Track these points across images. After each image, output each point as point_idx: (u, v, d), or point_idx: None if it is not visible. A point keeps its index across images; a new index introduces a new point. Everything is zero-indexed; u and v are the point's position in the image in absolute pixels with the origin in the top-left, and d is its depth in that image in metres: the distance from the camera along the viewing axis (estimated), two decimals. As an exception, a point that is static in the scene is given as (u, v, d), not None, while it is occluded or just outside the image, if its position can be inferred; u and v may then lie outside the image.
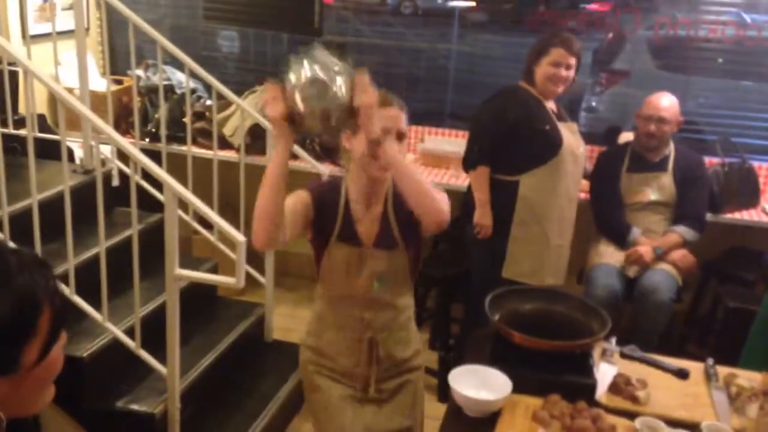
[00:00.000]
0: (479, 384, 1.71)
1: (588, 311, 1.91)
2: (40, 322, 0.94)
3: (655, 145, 3.24)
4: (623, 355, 1.93)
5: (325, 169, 3.19)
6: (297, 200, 1.83)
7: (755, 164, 3.57)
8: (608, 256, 3.22)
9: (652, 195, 3.24)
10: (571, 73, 2.98)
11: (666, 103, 3.23)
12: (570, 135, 3.03)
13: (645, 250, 3.15)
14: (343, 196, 1.89)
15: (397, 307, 1.93)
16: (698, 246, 3.28)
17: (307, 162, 3.38)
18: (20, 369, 0.93)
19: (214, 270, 3.28)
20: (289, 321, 3.86)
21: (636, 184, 3.27)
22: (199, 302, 3.09)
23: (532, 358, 1.78)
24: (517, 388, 1.70)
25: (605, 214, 3.32)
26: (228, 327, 3.15)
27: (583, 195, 3.40)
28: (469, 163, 3.06)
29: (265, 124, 3.28)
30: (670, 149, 3.28)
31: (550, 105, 3.04)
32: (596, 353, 1.89)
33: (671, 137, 3.28)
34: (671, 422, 1.64)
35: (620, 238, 3.24)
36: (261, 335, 3.38)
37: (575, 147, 3.03)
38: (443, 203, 1.77)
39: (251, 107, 3.47)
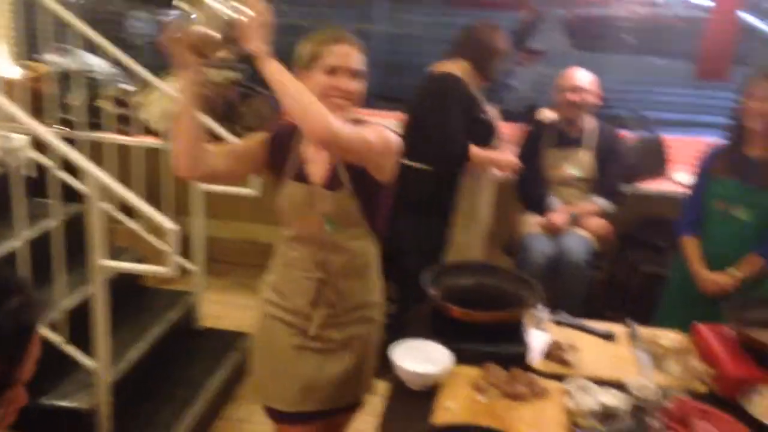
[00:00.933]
0: (421, 358, 1.75)
1: (520, 283, 1.99)
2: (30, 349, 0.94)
3: (576, 115, 3.36)
4: (555, 322, 2.02)
5: None
6: (254, 138, 1.89)
7: (666, 136, 3.77)
8: (535, 224, 3.34)
9: (573, 170, 3.37)
10: None
11: (582, 74, 3.36)
12: (496, 119, 3.13)
13: (558, 217, 3.29)
14: (296, 136, 1.89)
15: (351, 251, 1.88)
16: (614, 216, 3.44)
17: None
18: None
19: (139, 260, 3.20)
20: (219, 308, 3.82)
21: (558, 160, 3.39)
22: (126, 293, 3.02)
23: (470, 331, 1.84)
24: (457, 360, 1.76)
25: (528, 189, 3.44)
26: (157, 316, 3.09)
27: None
28: (461, 158, 3.05)
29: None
30: (590, 125, 3.41)
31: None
32: (529, 322, 1.97)
33: (590, 113, 3.41)
34: (600, 382, 1.73)
35: (540, 209, 3.37)
36: (191, 323, 3.34)
37: (500, 131, 3.13)
38: (325, 113, 1.69)
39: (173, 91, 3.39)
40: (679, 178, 3.69)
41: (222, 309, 3.84)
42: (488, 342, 1.83)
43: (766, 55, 4.27)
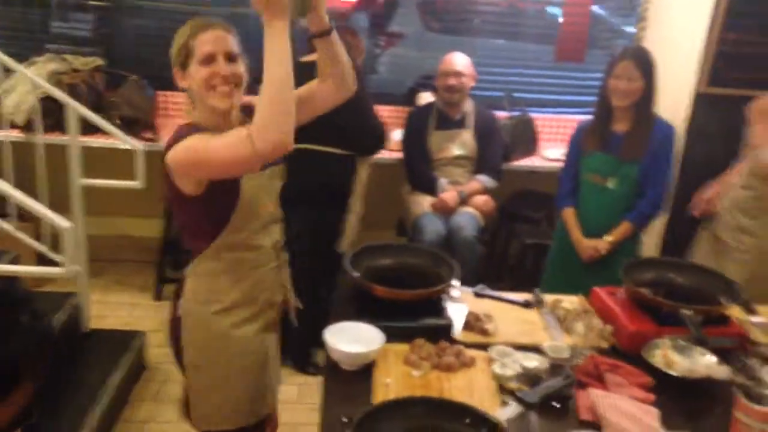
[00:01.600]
0: (352, 339, 1.79)
1: (437, 260, 2.09)
2: (14, 393, 0.87)
3: (457, 99, 3.52)
4: (476, 294, 2.14)
5: None
6: None
7: (533, 115, 4.03)
8: (427, 205, 3.47)
9: (456, 150, 3.53)
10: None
11: (460, 59, 3.52)
12: None
13: (449, 195, 3.44)
14: None
15: (282, 220, 1.93)
16: (495, 192, 3.64)
17: (115, 137, 3.18)
18: None
19: (15, 262, 2.98)
20: (102, 308, 3.65)
21: (442, 141, 3.54)
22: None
23: (395, 309, 1.92)
24: (386, 338, 1.82)
25: (416, 170, 3.56)
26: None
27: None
28: (383, 139, 3.15)
29: (60, 96, 3.04)
30: (469, 107, 3.58)
31: None
32: (448, 296, 2.07)
33: (468, 95, 3.58)
34: (518, 347, 1.87)
35: (431, 190, 3.50)
36: (78, 326, 3.16)
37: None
38: (291, 124, 1.60)
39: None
40: (548, 154, 3.97)
41: (105, 308, 3.68)
42: (414, 318, 1.91)
43: (611, 40, 4.65)
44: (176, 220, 1.87)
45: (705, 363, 1.80)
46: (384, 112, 4.14)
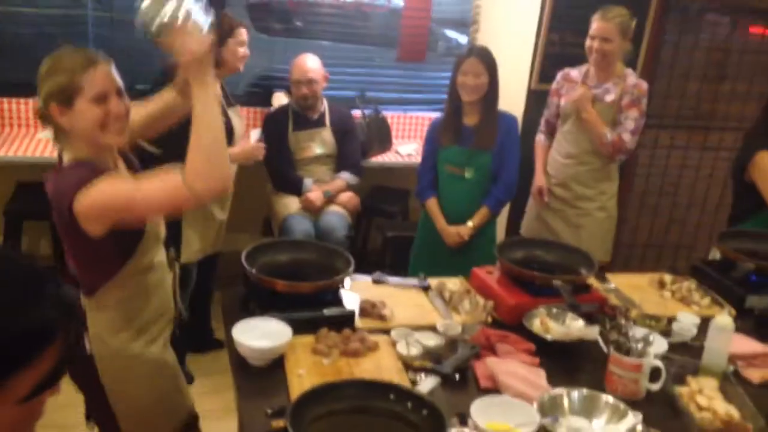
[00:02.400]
0: (258, 335, 1.82)
1: (331, 254, 2.16)
2: (44, 356, 0.85)
3: (312, 104, 3.60)
4: (374, 281, 2.24)
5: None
6: None
7: (386, 114, 4.20)
8: (294, 206, 3.51)
9: (317, 149, 3.61)
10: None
11: (310, 63, 3.59)
12: (237, 119, 3.16)
13: (315, 195, 3.51)
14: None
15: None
16: (355, 188, 3.77)
17: None
18: (3, 391, 0.82)
19: None
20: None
21: (302, 141, 3.60)
22: None
23: (296, 302, 1.97)
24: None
25: (279, 172, 3.59)
26: None
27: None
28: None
29: None
30: (325, 106, 3.68)
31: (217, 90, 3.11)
32: (344, 287, 2.15)
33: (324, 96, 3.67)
34: (414, 328, 2.00)
35: (296, 190, 3.55)
36: None
37: (240, 130, 3.18)
38: (227, 169, 1.70)
39: None
40: (402, 150, 4.17)
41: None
42: (317, 309, 1.97)
43: (446, 42, 4.95)
44: (73, 258, 1.78)
45: (576, 327, 2.04)
46: (245, 114, 4.15)
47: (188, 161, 1.56)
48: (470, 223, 3.07)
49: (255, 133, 4.00)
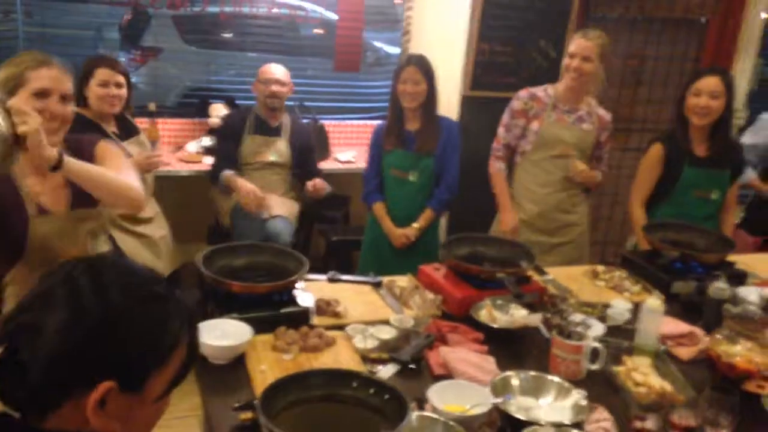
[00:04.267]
0: (219, 335, 1.87)
1: (283, 255, 2.22)
2: (173, 359, 0.94)
3: (278, 105, 3.67)
4: (329, 280, 2.31)
5: None
6: None
7: (324, 123, 4.28)
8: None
9: (271, 156, 3.66)
10: (123, 90, 3.07)
11: (279, 69, 3.68)
12: (136, 149, 3.14)
13: (252, 188, 3.50)
14: (14, 181, 1.81)
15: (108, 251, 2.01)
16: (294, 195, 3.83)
17: None
18: (142, 392, 0.91)
19: None
20: None
21: (258, 146, 3.65)
22: None
23: (253, 303, 2.02)
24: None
25: (219, 169, 3.61)
26: None
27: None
28: None
29: None
30: (286, 117, 3.73)
31: (111, 128, 3.09)
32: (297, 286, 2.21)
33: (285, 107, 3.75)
34: (368, 323, 2.08)
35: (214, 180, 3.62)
36: None
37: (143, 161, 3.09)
38: (131, 182, 1.84)
39: None
40: (341, 157, 4.25)
41: None
42: (274, 309, 2.03)
43: (375, 52, 5.08)
44: None
45: (520, 315, 2.16)
46: (177, 125, 4.17)
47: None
48: (416, 225, 3.18)
49: (192, 145, 4.02)
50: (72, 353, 0.88)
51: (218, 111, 4.01)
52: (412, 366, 1.89)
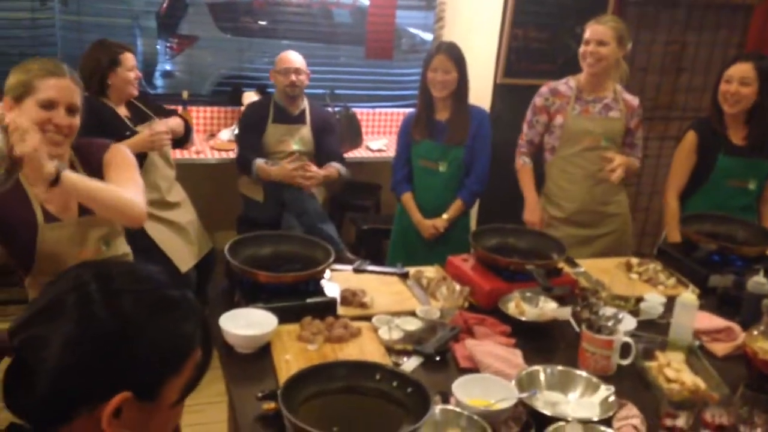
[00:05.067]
0: (246, 324, 1.87)
1: (310, 244, 2.21)
2: (188, 363, 0.93)
3: (297, 94, 3.65)
4: (355, 270, 2.30)
5: None
6: None
7: (356, 111, 4.26)
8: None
9: (294, 145, 3.65)
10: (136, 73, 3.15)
11: (297, 57, 3.66)
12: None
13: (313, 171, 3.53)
14: (22, 188, 1.82)
15: (122, 256, 2.01)
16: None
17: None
18: (158, 400, 0.90)
19: None
20: None
21: (280, 135, 3.65)
22: None
23: (279, 293, 2.02)
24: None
25: (245, 160, 3.62)
26: None
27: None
28: None
29: None
30: (306, 104, 3.72)
31: (124, 112, 3.16)
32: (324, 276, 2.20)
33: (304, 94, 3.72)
34: (394, 314, 2.06)
35: (247, 171, 3.60)
36: None
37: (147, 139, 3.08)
38: (132, 198, 1.82)
39: None
40: (372, 146, 4.23)
41: None
42: (301, 299, 2.02)
43: (410, 39, 5.03)
44: None
45: (549, 308, 2.12)
46: (210, 113, 4.20)
47: None
48: (445, 216, 3.15)
49: (225, 133, 4.04)
50: (81, 367, 0.86)
51: (250, 99, 4.02)
52: (437, 358, 1.87)
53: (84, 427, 0.88)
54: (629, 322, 2.10)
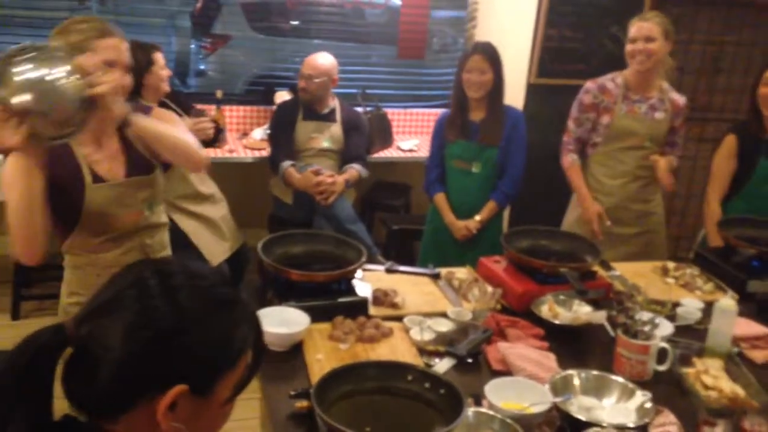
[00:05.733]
0: (279, 322, 1.87)
1: (342, 244, 2.21)
2: (241, 362, 0.94)
3: (309, 98, 3.67)
4: (387, 270, 2.29)
5: None
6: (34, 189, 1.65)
7: (387, 111, 4.26)
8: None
9: (324, 142, 3.66)
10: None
11: (318, 61, 3.66)
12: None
13: (336, 177, 3.56)
14: (70, 149, 1.82)
15: (163, 225, 2.03)
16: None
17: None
18: (211, 395, 0.91)
19: None
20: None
21: (311, 131, 3.67)
22: None
23: (311, 291, 2.02)
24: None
25: (276, 160, 3.64)
26: None
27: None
28: None
29: None
30: (336, 103, 3.73)
31: None
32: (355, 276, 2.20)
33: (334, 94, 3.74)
34: (426, 315, 2.05)
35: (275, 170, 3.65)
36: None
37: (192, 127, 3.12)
38: (192, 140, 1.89)
39: None
40: (403, 146, 4.22)
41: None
42: (333, 298, 2.02)
43: (442, 38, 5.01)
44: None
45: (583, 312, 2.10)
46: (243, 112, 4.23)
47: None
48: (478, 218, 3.12)
49: (258, 132, 4.06)
50: (141, 357, 0.88)
51: (282, 98, 4.04)
52: (469, 360, 1.85)
53: (138, 419, 0.90)
54: (666, 327, 2.06)
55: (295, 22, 4.46)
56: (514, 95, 4.00)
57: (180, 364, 0.89)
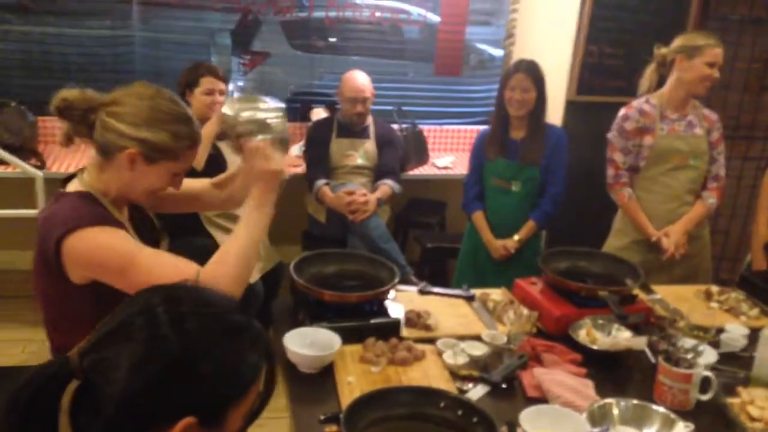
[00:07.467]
0: (309, 344, 1.86)
1: (375, 264, 2.19)
2: (251, 392, 0.92)
3: (361, 111, 3.67)
4: (420, 292, 2.26)
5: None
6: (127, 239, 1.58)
7: (422, 127, 4.24)
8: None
9: (359, 159, 3.67)
10: (224, 98, 3.19)
11: (363, 81, 3.65)
12: (230, 154, 3.18)
13: (369, 197, 3.55)
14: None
15: None
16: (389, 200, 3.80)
17: (16, 166, 3.01)
18: (221, 427, 0.89)
19: None
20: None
21: (345, 149, 3.67)
22: None
23: (344, 312, 2.00)
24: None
25: (312, 177, 3.65)
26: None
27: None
28: None
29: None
30: (370, 120, 3.73)
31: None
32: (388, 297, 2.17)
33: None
34: (459, 338, 2.01)
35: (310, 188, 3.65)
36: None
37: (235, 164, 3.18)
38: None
39: None
40: (438, 163, 4.19)
41: (-1, 346, 3.45)
42: (365, 319, 2.00)
43: (478, 55, 4.98)
44: (47, 311, 1.66)
45: (623, 337, 2.03)
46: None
47: (218, 262, 1.54)
48: (516, 237, 3.08)
49: (295, 149, 4.07)
50: (149, 387, 0.86)
51: (318, 115, 4.05)
52: (503, 386, 1.80)
53: None
54: (710, 355, 1.99)
55: (333, 39, 4.49)
56: (553, 112, 3.93)
57: (188, 396, 0.87)
